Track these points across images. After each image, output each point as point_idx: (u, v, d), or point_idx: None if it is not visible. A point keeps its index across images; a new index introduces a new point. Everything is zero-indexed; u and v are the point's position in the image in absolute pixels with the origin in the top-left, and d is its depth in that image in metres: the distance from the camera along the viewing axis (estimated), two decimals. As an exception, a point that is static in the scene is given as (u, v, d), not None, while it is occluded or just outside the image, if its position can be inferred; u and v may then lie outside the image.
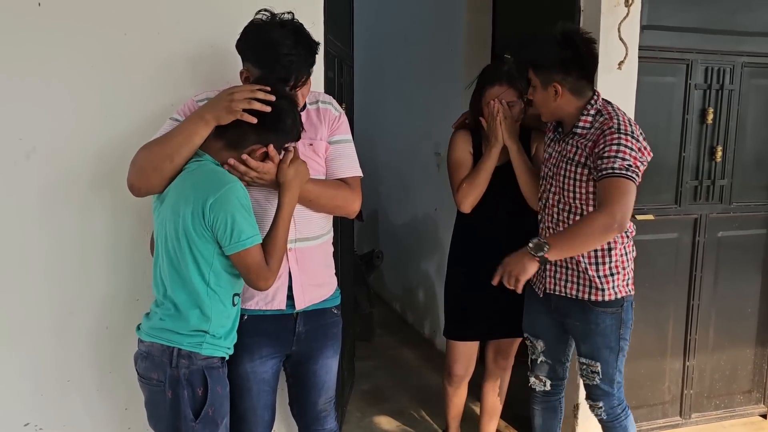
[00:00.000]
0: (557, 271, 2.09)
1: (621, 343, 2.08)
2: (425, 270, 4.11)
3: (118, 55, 1.98)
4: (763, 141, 2.94)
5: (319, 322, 1.86)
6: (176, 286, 1.58)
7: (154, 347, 1.60)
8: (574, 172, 1.99)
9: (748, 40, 2.81)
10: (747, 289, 3.03)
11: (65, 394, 2.08)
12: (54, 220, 2.01)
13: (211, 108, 1.55)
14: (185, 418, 1.58)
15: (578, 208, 2.01)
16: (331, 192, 1.78)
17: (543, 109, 2.05)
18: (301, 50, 1.63)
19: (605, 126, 1.93)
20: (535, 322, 2.24)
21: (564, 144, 2.04)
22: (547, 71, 1.97)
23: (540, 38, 2.02)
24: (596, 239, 1.89)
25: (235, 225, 1.51)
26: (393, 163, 4.76)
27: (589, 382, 2.13)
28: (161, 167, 1.55)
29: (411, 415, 3.15)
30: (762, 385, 3.13)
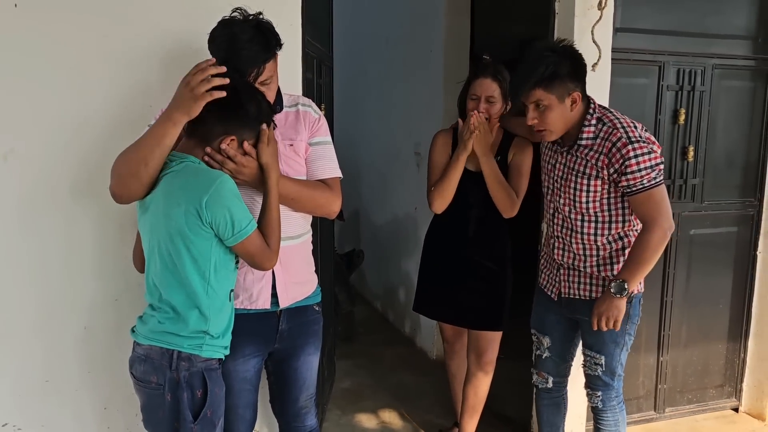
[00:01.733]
0: (570, 275, 2.15)
1: (626, 337, 2.13)
2: (406, 269, 4.14)
3: (97, 57, 1.98)
4: (734, 141, 3.01)
5: (301, 319, 1.88)
6: (172, 289, 1.57)
7: (153, 350, 1.59)
8: (586, 185, 2.01)
9: (719, 42, 2.88)
10: (719, 286, 3.10)
11: (44, 395, 2.08)
12: (32, 221, 2.00)
13: (175, 106, 1.54)
14: (184, 420, 1.58)
15: (593, 216, 2.05)
16: (312, 192, 1.80)
17: (558, 125, 1.99)
18: (254, 45, 1.64)
19: (613, 137, 1.93)
20: (543, 319, 2.28)
21: (569, 156, 2.05)
22: (562, 82, 1.94)
23: (533, 57, 1.96)
24: (659, 253, 1.96)
25: (234, 217, 1.52)
26: (374, 163, 4.79)
27: (590, 372, 2.18)
28: (137, 173, 1.55)
29: (391, 414, 3.18)
30: (734, 379, 3.20)
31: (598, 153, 1.97)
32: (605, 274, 2.07)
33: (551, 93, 1.94)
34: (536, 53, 1.97)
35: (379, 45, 4.59)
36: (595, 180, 1.99)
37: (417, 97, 3.92)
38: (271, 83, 1.72)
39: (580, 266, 2.12)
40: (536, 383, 2.35)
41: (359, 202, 5.05)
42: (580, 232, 2.08)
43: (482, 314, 2.52)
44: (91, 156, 2.00)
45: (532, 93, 1.96)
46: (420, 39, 3.87)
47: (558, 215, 2.14)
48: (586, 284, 2.12)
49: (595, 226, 2.06)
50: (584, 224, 2.07)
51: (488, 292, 2.50)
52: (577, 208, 2.06)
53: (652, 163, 1.91)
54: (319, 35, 2.71)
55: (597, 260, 2.09)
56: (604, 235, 2.06)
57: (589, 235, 2.07)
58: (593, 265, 2.09)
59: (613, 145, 1.93)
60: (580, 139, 2.01)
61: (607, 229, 2.06)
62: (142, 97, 2.01)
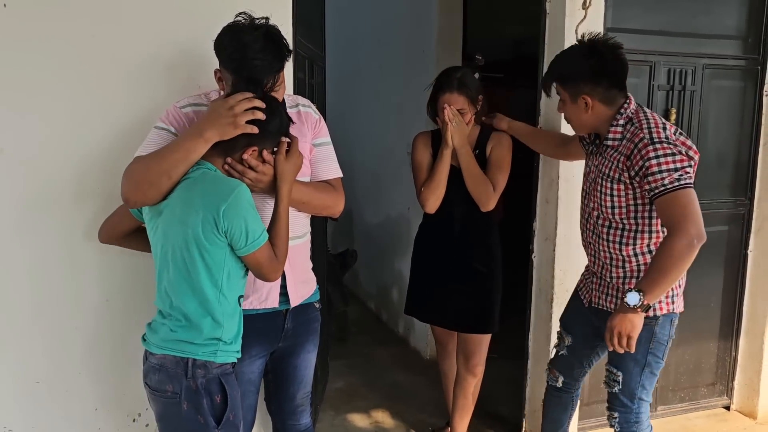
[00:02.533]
0: (601, 285, 2.08)
1: (649, 357, 1.99)
2: (399, 269, 4.14)
3: (89, 59, 1.97)
4: (724, 140, 3.02)
5: (304, 317, 1.90)
6: (186, 297, 1.56)
7: (167, 359, 1.57)
8: (610, 189, 1.93)
9: (709, 42, 2.89)
10: (710, 285, 3.11)
11: (34, 396, 2.07)
12: (24, 222, 1.99)
13: (211, 125, 1.53)
14: (207, 426, 1.57)
15: (619, 223, 1.96)
16: (321, 194, 1.83)
17: (575, 122, 2.02)
18: (268, 54, 1.63)
19: (636, 138, 1.84)
20: (571, 318, 2.25)
21: (600, 158, 1.99)
22: (574, 83, 1.92)
23: (565, 51, 2.02)
24: (684, 263, 1.75)
25: (249, 227, 1.52)
26: (367, 164, 4.79)
27: (609, 389, 2.10)
28: (158, 183, 1.54)
29: (384, 414, 3.18)
30: (725, 377, 3.22)
31: (621, 154, 1.89)
32: (629, 287, 1.92)
33: (565, 90, 1.97)
34: (570, 49, 2.02)
35: (371, 45, 4.59)
36: (618, 184, 1.90)
37: (410, 97, 3.91)
38: (281, 89, 1.73)
39: (606, 276, 2.04)
40: (547, 380, 2.32)
41: (352, 202, 5.02)
42: (606, 239, 2.00)
43: (469, 317, 2.52)
44: (86, 157, 1.99)
45: (553, 86, 2.01)
46: (412, 39, 3.88)
47: (590, 221, 2.07)
48: (612, 296, 2.03)
49: (621, 234, 1.96)
50: (610, 231, 1.99)
51: (475, 294, 2.51)
52: (604, 213, 1.98)
53: (676, 165, 1.77)
54: (311, 35, 2.71)
55: (624, 272, 1.99)
56: (629, 245, 1.96)
57: (614, 243, 1.98)
58: (619, 277, 2.00)
59: (635, 146, 1.83)
60: (607, 139, 1.94)
61: (632, 239, 1.95)
62: (140, 98, 2.01)
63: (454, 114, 2.35)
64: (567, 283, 2.68)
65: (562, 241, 2.65)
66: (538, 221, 2.74)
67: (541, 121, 2.68)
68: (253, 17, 1.66)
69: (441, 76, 2.44)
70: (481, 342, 2.54)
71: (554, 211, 2.64)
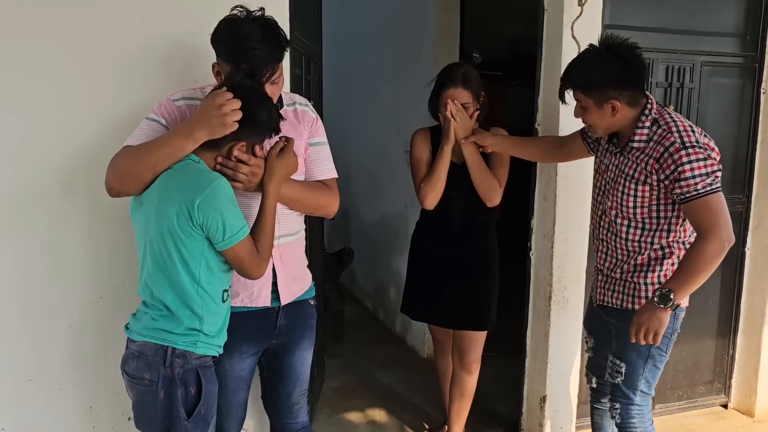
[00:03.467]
0: (607, 282, 2.09)
1: (653, 350, 2.00)
2: (396, 268, 4.13)
3: (81, 53, 1.96)
4: (722, 138, 3.00)
5: (298, 314, 1.88)
6: (164, 288, 1.56)
7: (147, 346, 1.57)
8: (634, 190, 1.93)
9: (707, 39, 2.89)
10: (708, 283, 2.98)
11: (27, 394, 2.05)
12: (16, 217, 1.98)
13: (201, 124, 1.52)
14: (178, 417, 1.56)
15: (639, 222, 1.96)
16: (315, 193, 1.81)
17: (600, 127, 1.97)
18: (267, 44, 1.63)
19: (666, 141, 1.83)
20: (589, 320, 2.27)
21: (622, 158, 1.97)
22: (600, 90, 1.88)
23: (584, 58, 1.95)
24: (713, 266, 1.79)
25: (226, 222, 1.51)
26: (363, 162, 4.78)
27: (611, 380, 2.09)
28: (143, 176, 1.54)
29: (381, 412, 3.16)
30: (723, 375, 3.21)
31: (648, 157, 1.87)
32: (637, 281, 2.00)
33: (589, 97, 1.91)
34: (586, 55, 1.95)
35: (368, 42, 4.58)
36: (643, 185, 1.90)
37: (407, 95, 3.91)
38: (280, 81, 1.71)
39: (616, 274, 2.05)
40: (587, 381, 2.31)
41: (349, 200, 5.03)
42: (625, 237, 2.00)
43: (464, 314, 2.51)
44: (77, 152, 1.98)
45: (573, 92, 1.96)
46: (409, 37, 3.87)
47: (605, 218, 2.06)
48: (618, 292, 2.05)
49: (641, 232, 1.97)
50: (630, 230, 1.98)
51: (472, 291, 2.50)
52: (624, 212, 1.97)
53: (708, 170, 1.78)
54: (308, 31, 2.69)
55: (634, 266, 2.01)
56: (649, 242, 1.97)
57: (634, 241, 1.99)
58: (628, 271, 2.02)
59: (666, 150, 1.83)
60: (632, 141, 1.92)
61: (652, 236, 1.96)
62: (131, 93, 1.99)
63: (458, 109, 2.34)
64: (565, 281, 2.68)
65: (560, 238, 2.64)
66: (536, 218, 2.73)
67: (539, 118, 2.67)
68: (250, 10, 1.65)
69: (444, 72, 2.44)
70: (475, 339, 2.53)
71: (552, 208, 2.63)
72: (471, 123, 2.38)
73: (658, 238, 1.96)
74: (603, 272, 2.11)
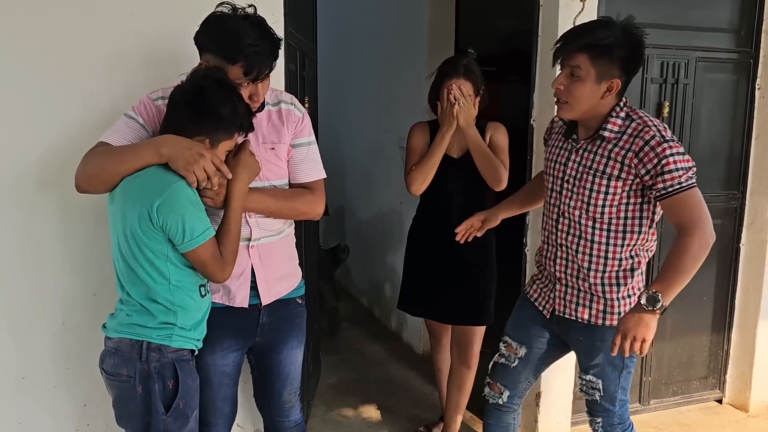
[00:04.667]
0: (568, 294, 1.92)
1: (626, 360, 1.89)
2: (391, 264, 4.12)
3: (68, 48, 1.94)
4: (717, 134, 3.02)
5: (283, 313, 1.86)
6: (135, 285, 1.57)
7: (122, 342, 1.58)
8: (605, 186, 1.79)
9: (702, 35, 2.88)
10: (702, 278, 3.09)
11: (21, 392, 2.04)
12: (5, 216, 1.96)
13: (172, 151, 1.50)
14: (156, 411, 1.56)
15: (605, 224, 1.82)
16: (291, 203, 1.78)
17: (582, 104, 1.77)
18: (266, 43, 1.61)
19: (646, 135, 1.72)
20: (524, 329, 2.04)
21: (586, 153, 1.83)
22: (609, 62, 1.72)
23: (601, 24, 1.77)
24: (699, 262, 1.70)
25: (186, 224, 1.50)
26: (358, 158, 4.76)
27: (589, 398, 1.99)
28: (110, 181, 1.56)
29: (377, 409, 3.16)
30: (717, 371, 3.22)
31: (625, 150, 1.75)
32: (610, 296, 1.85)
33: (594, 66, 1.72)
34: (603, 21, 1.79)
35: (362, 38, 4.56)
36: (616, 181, 1.77)
37: (401, 91, 3.90)
38: (265, 81, 1.69)
39: (583, 285, 1.88)
40: (488, 397, 2.10)
41: (344, 197, 5.02)
42: (590, 240, 1.84)
43: (464, 309, 2.51)
44: (63, 149, 1.95)
45: (575, 55, 1.73)
46: (404, 33, 3.85)
47: (563, 221, 1.89)
48: (585, 306, 1.88)
49: (607, 234, 1.83)
50: (595, 231, 1.83)
51: (471, 285, 2.50)
52: (590, 212, 1.83)
53: (688, 164, 1.71)
54: (303, 27, 2.68)
55: (602, 277, 1.85)
56: (617, 245, 1.83)
57: (600, 244, 1.84)
58: (597, 284, 1.86)
59: (646, 144, 1.72)
60: (604, 129, 1.78)
61: (621, 239, 1.83)
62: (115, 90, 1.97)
63: (461, 94, 2.33)
64: (560, 277, 2.67)
65: (556, 234, 2.64)
66: (531, 214, 2.73)
67: (534, 114, 2.66)
68: (237, 7, 1.63)
69: (445, 64, 2.43)
70: (475, 334, 2.53)
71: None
72: (474, 111, 2.36)
73: (628, 240, 1.83)
74: (562, 281, 1.93)
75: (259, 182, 1.72)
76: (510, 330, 2.08)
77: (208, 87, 1.52)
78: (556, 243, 1.93)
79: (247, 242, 1.73)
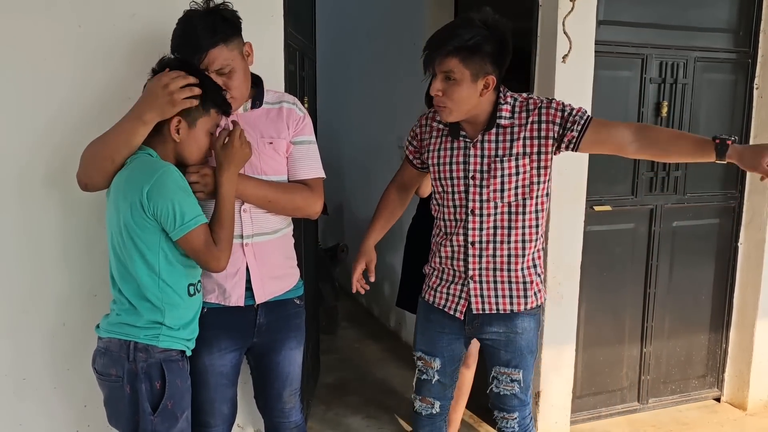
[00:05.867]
0: (484, 288, 1.89)
1: (536, 342, 1.96)
2: (390, 263, 4.12)
3: (69, 47, 1.93)
4: (715, 133, 3.01)
5: (281, 313, 1.85)
6: (125, 282, 1.58)
7: (111, 342, 1.59)
8: (515, 167, 1.80)
9: (700, 35, 2.89)
10: (701, 277, 3.12)
11: (20, 393, 2.04)
12: (4, 216, 1.96)
13: (149, 107, 1.52)
14: (143, 412, 1.57)
15: (519, 206, 1.83)
16: (290, 195, 1.78)
17: (462, 106, 1.76)
18: (199, 31, 1.61)
19: (537, 102, 1.79)
20: (434, 341, 2.00)
21: (487, 143, 1.81)
22: (481, 60, 1.71)
23: (460, 24, 1.74)
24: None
25: (177, 208, 1.51)
26: (357, 157, 4.76)
27: (506, 393, 1.95)
28: (102, 167, 1.56)
29: (376, 408, 3.17)
30: (716, 369, 3.23)
31: (524, 124, 1.79)
32: (530, 279, 1.88)
33: (467, 67, 1.70)
34: (464, 20, 1.74)
35: (361, 38, 4.56)
36: (523, 158, 1.79)
37: (400, 90, 3.89)
38: (231, 73, 1.66)
39: (501, 276, 1.87)
40: (420, 410, 2.06)
41: (343, 196, 5.02)
42: (507, 227, 1.84)
43: None
44: (64, 150, 1.94)
45: (446, 60, 1.70)
46: (402, 32, 3.85)
47: (474, 218, 1.85)
48: (504, 296, 1.88)
49: (523, 218, 1.84)
50: (512, 218, 1.84)
51: None
52: (505, 199, 1.82)
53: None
54: (302, 27, 2.68)
55: (523, 262, 1.87)
56: (533, 226, 1.85)
57: (518, 229, 1.84)
58: (519, 269, 1.87)
59: (541, 108, 1.78)
60: (500, 118, 1.79)
61: (535, 221, 1.86)
62: (118, 89, 1.96)
63: None
64: (559, 277, 2.68)
65: (555, 234, 2.65)
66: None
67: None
68: (208, 3, 1.65)
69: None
70: None
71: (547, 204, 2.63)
72: None
73: (537, 222, 1.87)
74: (476, 279, 1.88)
75: (255, 176, 1.73)
76: (421, 345, 2.04)
77: (172, 65, 1.56)
78: (465, 242, 1.88)
79: (241, 240, 1.73)
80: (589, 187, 2.71)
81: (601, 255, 2.87)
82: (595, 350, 2.94)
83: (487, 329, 1.92)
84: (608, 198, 2.85)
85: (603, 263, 2.88)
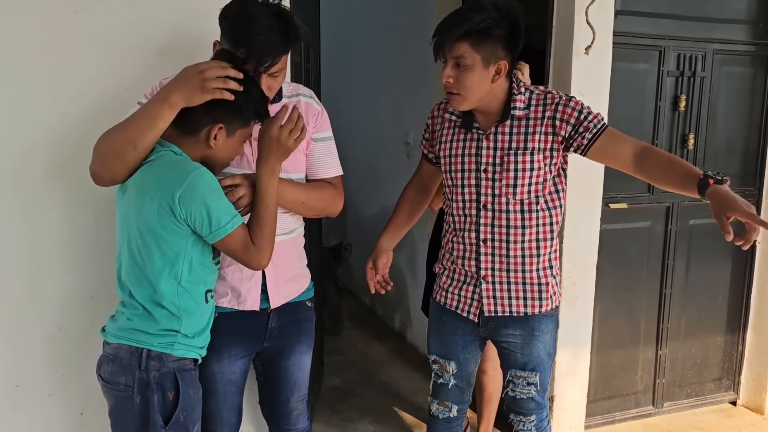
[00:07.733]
0: (497, 290, 1.83)
1: (554, 343, 1.90)
2: (394, 262, 4.00)
3: (73, 41, 1.85)
4: (734, 128, 2.94)
5: (293, 317, 1.78)
6: (140, 286, 1.48)
7: (121, 349, 1.49)
8: (530, 162, 1.74)
9: (719, 27, 2.81)
10: (717, 277, 3.05)
11: (14, 401, 1.95)
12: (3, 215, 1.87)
13: (177, 88, 1.41)
14: (154, 424, 1.47)
15: (533, 203, 1.77)
16: (320, 194, 1.72)
17: (474, 93, 1.70)
18: (274, 34, 1.51)
19: (554, 97, 1.73)
20: (448, 343, 1.94)
21: (501, 135, 1.76)
22: (493, 45, 1.65)
23: (472, 8, 1.68)
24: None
25: (212, 213, 1.41)
26: (361, 154, 4.68)
27: (523, 396, 1.89)
28: (123, 154, 1.43)
29: (381, 411, 3.09)
30: (732, 372, 3.16)
31: (539, 119, 1.73)
32: (545, 281, 1.81)
33: (477, 52, 1.65)
34: (474, 4, 1.69)
35: (365, 30, 4.47)
36: (538, 154, 1.73)
37: (406, 85, 3.81)
38: (280, 76, 1.59)
39: (515, 277, 1.81)
40: (436, 414, 2.01)
41: (346, 193, 4.88)
42: (521, 226, 1.78)
43: None
44: (65, 144, 1.87)
45: (456, 45, 1.66)
46: (409, 24, 3.76)
47: (486, 213, 1.79)
48: (519, 299, 1.81)
49: (537, 216, 1.78)
50: (525, 216, 1.77)
51: None
52: (517, 194, 1.76)
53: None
54: (306, 18, 2.59)
55: (539, 262, 1.80)
56: (546, 224, 1.79)
57: (532, 227, 1.78)
58: (533, 270, 1.80)
59: (558, 103, 1.72)
60: (514, 108, 1.74)
61: (549, 218, 1.80)
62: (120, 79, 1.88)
63: None
64: (575, 277, 2.60)
65: (570, 233, 2.56)
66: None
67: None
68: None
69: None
70: None
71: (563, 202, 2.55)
72: None
73: (551, 219, 1.80)
74: (488, 279, 1.82)
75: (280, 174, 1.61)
76: (435, 348, 1.99)
77: (224, 58, 1.44)
78: (477, 240, 1.82)
79: None
80: (605, 184, 2.63)
81: (617, 254, 2.79)
82: (609, 353, 2.86)
83: (502, 331, 1.86)
84: (624, 195, 2.77)
85: (618, 262, 2.81)
